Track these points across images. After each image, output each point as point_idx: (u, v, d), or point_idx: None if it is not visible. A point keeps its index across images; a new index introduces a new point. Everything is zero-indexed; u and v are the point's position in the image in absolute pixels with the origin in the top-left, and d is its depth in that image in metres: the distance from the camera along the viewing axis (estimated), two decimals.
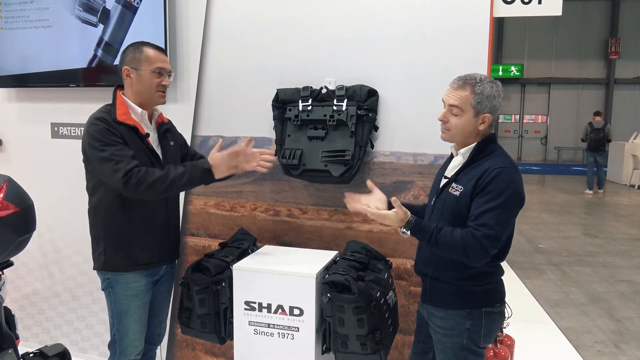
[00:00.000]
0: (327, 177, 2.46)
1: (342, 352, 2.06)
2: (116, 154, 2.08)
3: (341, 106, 2.44)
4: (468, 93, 1.85)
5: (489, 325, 1.93)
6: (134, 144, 2.18)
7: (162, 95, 2.29)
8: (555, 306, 4.75)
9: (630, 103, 18.31)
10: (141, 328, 2.33)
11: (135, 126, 2.20)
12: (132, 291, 2.27)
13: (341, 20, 2.58)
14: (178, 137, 2.50)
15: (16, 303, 3.38)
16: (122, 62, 2.25)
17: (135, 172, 2.05)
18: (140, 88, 2.23)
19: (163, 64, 2.26)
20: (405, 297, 2.54)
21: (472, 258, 1.79)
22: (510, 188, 1.78)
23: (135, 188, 2.05)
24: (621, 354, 3.82)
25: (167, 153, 2.35)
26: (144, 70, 2.21)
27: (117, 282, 2.26)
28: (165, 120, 2.43)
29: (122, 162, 2.06)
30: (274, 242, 2.72)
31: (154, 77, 2.23)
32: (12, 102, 3.32)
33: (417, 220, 1.86)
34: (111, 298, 2.29)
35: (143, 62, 2.21)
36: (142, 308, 2.32)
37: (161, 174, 2.09)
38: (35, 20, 3.03)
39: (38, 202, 2.25)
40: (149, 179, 2.06)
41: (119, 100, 2.24)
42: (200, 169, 2.16)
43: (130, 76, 2.22)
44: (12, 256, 2.19)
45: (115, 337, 2.32)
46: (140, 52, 2.22)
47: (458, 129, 1.89)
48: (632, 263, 6.22)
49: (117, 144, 2.11)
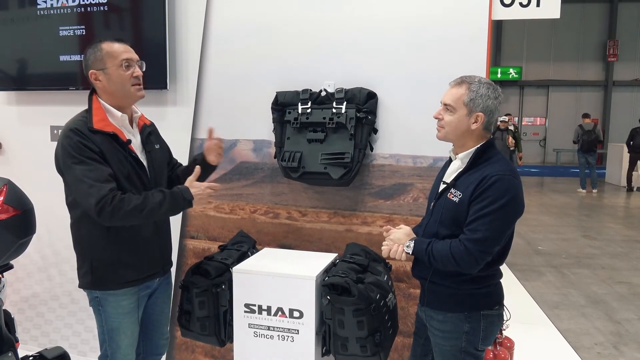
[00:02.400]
0: (327, 179, 2.46)
1: (342, 355, 2.07)
2: (89, 176, 1.92)
3: (340, 109, 2.45)
4: (463, 91, 1.87)
5: (488, 327, 1.93)
6: (115, 153, 2.03)
7: (139, 88, 2.11)
8: (554, 308, 4.75)
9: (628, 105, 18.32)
10: (133, 342, 2.21)
11: (114, 133, 2.04)
12: (123, 309, 2.14)
13: (340, 23, 2.59)
14: (163, 140, 2.36)
15: (15, 306, 3.38)
16: (86, 67, 2.08)
17: (109, 199, 1.90)
18: (113, 88, 2.06)
19: (128, 54, 2.08)
20: (405, 299, 2.54)
21: (463, 265, 1.80)
22: (507, 195, 1.77)
23: (109, 217, 1.92)
24: (620, 355, 3.82)
25: (153, 158, 2.20)
26: (110, 68, 2.04)
27: (106, 300, 2.13)
28: (148, 122, 2.26)
29: (95, 186, 1.90)
30: (274, 245, 2.72)
31: (123, 70, 2.05)
32: (12, 105, 3.32)
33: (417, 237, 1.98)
34: (101, 316, 2.16)
35: (106, 59, 2.04)
36: (134, 324, 2.20)
37: (138, 202, 1.94)
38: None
39: (38, 205, 2.24)
40: (125, 208, 1.92)
41: (94, 106, 2.07)
42: (180, 199, 2.02)
43: (99, 79, 2.05)
44: (12, 259, 2.19)
45: (107, 352, 2.20)
46: (100, 50, 2.05)
47: (451, 126, 1.90)
48: (630, 265, 6.22)
49: (90, 162, 1.94)
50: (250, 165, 2.81)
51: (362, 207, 2.62)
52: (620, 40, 17.86)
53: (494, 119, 1.91)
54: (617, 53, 17.88)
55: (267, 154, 2.74)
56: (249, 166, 2.81)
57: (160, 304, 2.37)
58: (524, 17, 2.47)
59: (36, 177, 3.11)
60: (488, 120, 1.88)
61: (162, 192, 2.02)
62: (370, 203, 2.61)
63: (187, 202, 2.04)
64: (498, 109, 1.89)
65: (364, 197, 2.62)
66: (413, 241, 1.93)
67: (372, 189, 2.60)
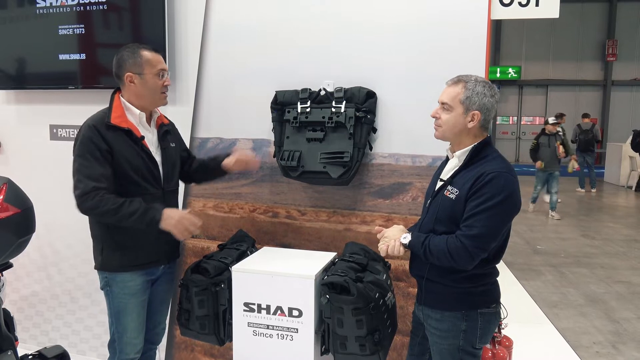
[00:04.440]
0: (326, 178, 2.47)
1: (341, 353, 2.07)
2: (82, 170, 2.11)
3: (340, 108, 2.45)
4: (459, 89, 1.88)
5: (485, 326, 1.94)
6: (128, 147, 2.19)
7: (165, 96, 2.31)
8: (553, 307, 4.76)
9: (627, 105, 18.34)
10: (139, 326, 2.35)
11: (129, 129, 2.20)
12: (129, 290, 2.29)
13: (340, 22, 2.59)
14: (180, 139, 2.51)
15: (15, 305, 3.38)
16: (122, 68, 2.23)
17: (91, 195, 2.08)
18: (144, 92, 2.24)
19: (163, 64, 2.28)
20: (404, 298, 2.55)
21: (458, 261, 1.81)
22: (503, 193, 1.78)
23: (86, 211, 2.12)
24: (619, 354, 3.83)
25: (167, 155, 2.35)
26: (147, 75, 2.22)
27: (114, 281, 2.29)
28: (166, 121, 2.43)
29: (83, 181, 2.09)
30: (273, 244, 2.72)
31: (158, 79, 2.24)
32: (11, 104, 3.32)
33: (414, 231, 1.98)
34: (109, 297, 2.32)
35: (145, 66, 2.21)
36: (139, 306, 2.33)
37: (114, 207, 2.09)
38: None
39: (37, 203, 2.25)
40: (101, 208, 2.09)
41: (115, 103, 2.24)
42: (150, 218, 2.12)
43: (134, 82, 2.22)
44: (12, 258, 2.19)
45: (114, 335, 2.34)
46: (140, 57, 2.22)
47: (448, 125, 1.90)
48: (629, 264, 6.23)
49: (90, 159, 2.11)
50: None
51: (361, 206, 2.63)
52: (619, 40, 17.87)
53: (491, 117, 1.92)
54: (616, 52, 17.89)
55: (266, 153, 2.74)
56: None
57: (161, 292, 2.48)
58: (523, 16, 2.48)
59: (36, 176, 3.12)
60: (485, 118, 1.88)
61: (139, 206, 2.13)
62: (370, 202, 2.61)
63: (155, 222, 2.13)
64: (495, 107, 1.89)
65: (363, 197, 2.62)
66: (410, 233, 1.95)
67: (371, 188, 2.60)
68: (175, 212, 2.19)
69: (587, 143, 11.25)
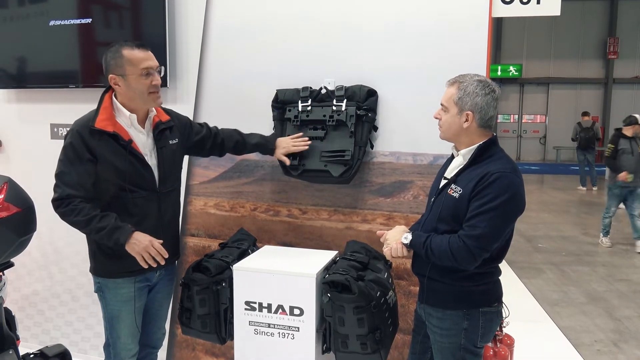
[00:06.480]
0: (327, 177, 2.47)
1: (342, 352, 2.07)
2: (60, 176, 2.08)
3: (340, 106, 2.45)
4: (454, 90, 1.89)
5: (487, 325, 1.94)
6: (115, 152, 2.08)
7: (157, 96, 2.14)
8: (554, 305, 4.76)
9: (628, 103, 18.28)
10: (134, 332, 2.28)
11: (115, 133, 2.07)
12: (121, 297, 2.22)
13: (341, 21, 2.59)
14: (180, 134, 2.33)
15: (16, 304, 3.38)
16: (106, 70, 2.11)
17: (65, 202, 2.05)
18: (131, 94, 2.09)
19: (148, 62, 2.08)
20: (405, 296, 2.55)
21: (460, 261, 1.81)
22: (507, 193, 1.77)
23: (60, 215, 2.09)
24: (620, 352, 3.83)
25: (164, 155, 2.22)
26: (130, 76, 2.06)
27: (106, 287, 2.22)
28: (165, 118, 2.27)
29: (60, 187, 2.07)
30: (274, 242, 2.72)
31: (143, 79, 2.07)
32: (12, 102, 3.32)
33: (415, 230, 1.99)
34: (103, 302, 2.26)
35: (127, 66, 2.05)
36: (134, 313, 2.25)
37: (84, 219, 2.04)
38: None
39: (38, 203, 2.25)
40: (72, 217, 2.05)
41: (104, 105, 2.11)
42: (115, 238, 2.05)
43: (119, 84, 2.08)
44: (13, 257, 2.20)
45: (109, 340, 2.30)
46: (121, 56, 2.05)
47: (446, 125, 1.93)
48: (630, 262, 6.23)
49: (69, 165, 2.06)
50: (250, 163, 2.81)
51: (362, 204, 2.62)
52: (621, 38, 17.82)
53: (489, 116, 1.88)
54: (617, 50, 17.85)
55: None
56: (250, 164, 2.81)
57: (159, 298, 2.42)
58: (524, 14, 2.47)
59: (36, 175, 3.10)
60: (481, 117, 1.86)
61: (108, 223, 2.05)
62: (371, 201, 2.61)
63: (119, 244, 2.06)
64: (492, 105, 1.86)
65: (364, 195, 2.62)
66: (410, 233, 1.95)
67: (373, 186, 2.60)
68: (145, 238, 2.07)
69: (587, 141, 11.31)
